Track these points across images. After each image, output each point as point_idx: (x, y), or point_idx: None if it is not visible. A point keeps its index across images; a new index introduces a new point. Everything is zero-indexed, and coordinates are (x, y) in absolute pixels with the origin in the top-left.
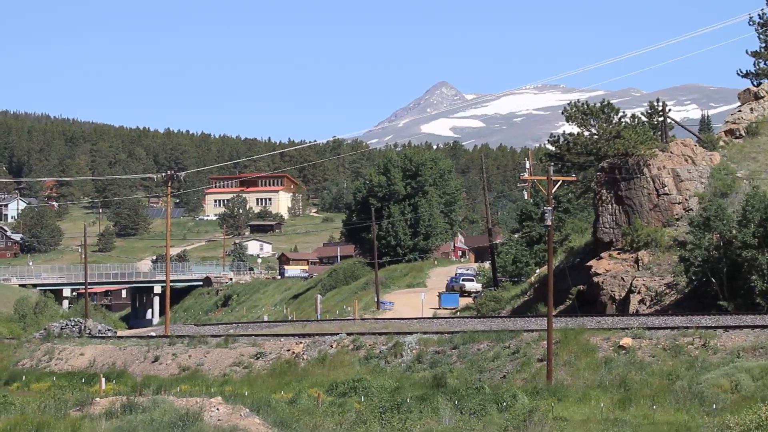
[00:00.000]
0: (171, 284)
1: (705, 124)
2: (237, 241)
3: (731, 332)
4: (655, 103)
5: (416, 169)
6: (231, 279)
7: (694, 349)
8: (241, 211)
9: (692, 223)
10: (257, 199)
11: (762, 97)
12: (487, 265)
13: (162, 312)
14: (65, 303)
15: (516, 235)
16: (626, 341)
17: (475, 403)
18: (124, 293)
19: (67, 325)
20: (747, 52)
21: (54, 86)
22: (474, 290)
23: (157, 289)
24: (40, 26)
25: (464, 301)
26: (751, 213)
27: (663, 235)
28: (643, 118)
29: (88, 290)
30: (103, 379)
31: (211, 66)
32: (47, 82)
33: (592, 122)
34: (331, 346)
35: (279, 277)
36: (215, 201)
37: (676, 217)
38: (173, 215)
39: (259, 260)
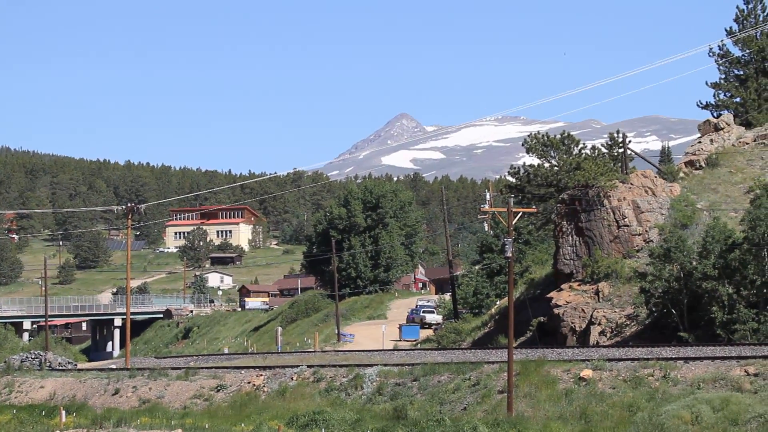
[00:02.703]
0: (131, 317)
1: (665, 155)
2: (197, 274)
3: (691, 363)
4: (616, 135)
5: (377, 201)
6: (191, 311)
7: (654, 380)
8: (201, 243)
9: (652, 254)
10: (218, 232)
11: (722, 129)
12: (447, 296)
13: (122, 344)
14: (25, 335)
15: (476, 267)
16: (587, 373)
17: None
18: (84, 326)
19: (27, 357)
20: (707, 83)
21: (14, 119)
22: (434, 322)
23: (118, 321)
24: None
25: (425, 333)
26: (712, 244)
27: (623, 267)
28: (604, 150)
29: (49, 323)
30: (64, 412)
31: (172, 98)
32: (7, 114)
33: (552, 154)
34: (292, 379)
35: (239, 309)
36: (176, 233)
37: (637, 248)
38: (133, 248)
39: (220, 292)
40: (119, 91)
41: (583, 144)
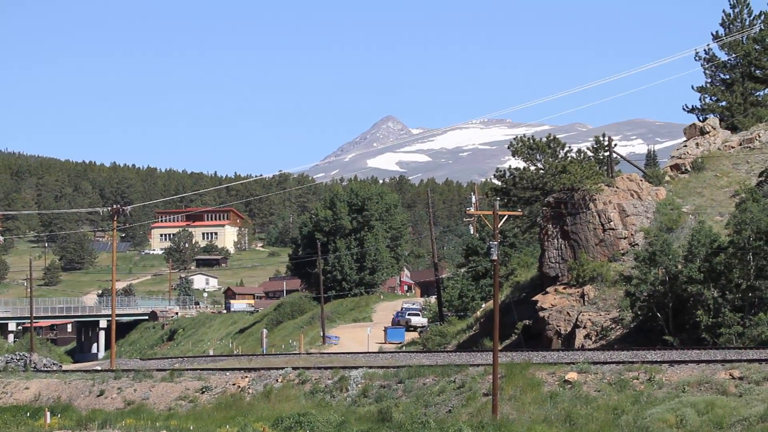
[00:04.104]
0: (117, 318)
1: (651, 159)
2: (183, 276)
3: (676, 367)
4: (601, 138)
5: (362, 203)
6: (177, 313)
7: (639, 383)
8: (187, 245)
9: (638, 257)
10: (203, 234)
11: (707, 132)
12: (433, 299)
13: (107, 346)
14: (10, 337)
15: (462, 270)
16: (572, 376)
17: None
18: (69, 327)
19: (12, 359)
20: (693, 87)
21: None
22: (420, 325)
23: (103, 323)
24: None
25: (410, 336)
26: (697, 248)
27: (609, 270)
28: (589, 153)
29: (34, 324)
30: (48, 413)
31: (157, 100)
32: None
33: (538, 157)
34: (277, 380)
35: (225, 311)
36: (161, 235)
37: (622, 251)
38: (119, 249)
39: (205, 294)
40: (105, 93)
41: (569, 147)
